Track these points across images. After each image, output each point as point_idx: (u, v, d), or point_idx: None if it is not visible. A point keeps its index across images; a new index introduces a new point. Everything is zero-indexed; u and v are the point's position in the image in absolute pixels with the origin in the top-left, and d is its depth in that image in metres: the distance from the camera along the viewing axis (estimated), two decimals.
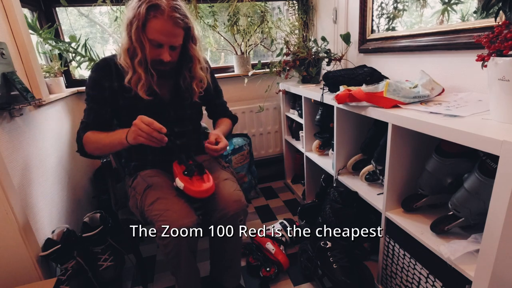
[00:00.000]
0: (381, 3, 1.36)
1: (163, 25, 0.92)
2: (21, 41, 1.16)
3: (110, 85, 1.03)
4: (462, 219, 0.79)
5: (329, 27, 1.82)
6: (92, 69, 1.05)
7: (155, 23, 0.91)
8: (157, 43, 0.94)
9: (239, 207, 1.02)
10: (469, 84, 1.02)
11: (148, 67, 0.99)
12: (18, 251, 0.99)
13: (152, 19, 0.91)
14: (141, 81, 0.99)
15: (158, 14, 0.91)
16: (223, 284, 1.15)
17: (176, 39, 0.97)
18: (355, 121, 1.25)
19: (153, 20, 0.91)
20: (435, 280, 0.86)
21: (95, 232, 1.22)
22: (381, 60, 1.42)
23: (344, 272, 1.11)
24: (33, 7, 1.59)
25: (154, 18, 0.91)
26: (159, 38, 0.93)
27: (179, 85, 1.10)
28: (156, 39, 0.93)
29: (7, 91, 0.97)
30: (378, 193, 1.14)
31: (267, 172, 2.27)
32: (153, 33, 0.93)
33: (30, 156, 1.14)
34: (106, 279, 1.22)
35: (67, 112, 1.58)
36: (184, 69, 1.08)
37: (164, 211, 0.92)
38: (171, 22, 0.92)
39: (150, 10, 0.90)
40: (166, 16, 0.91)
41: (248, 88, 2.07)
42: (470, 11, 0.98)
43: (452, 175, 0.82)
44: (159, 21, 0.91)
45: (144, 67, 0.98)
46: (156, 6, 0.90)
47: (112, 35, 1.96)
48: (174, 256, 0.94)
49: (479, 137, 0.61)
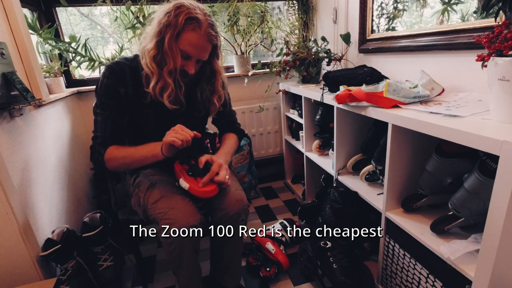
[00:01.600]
0: (381, 3, 1.36)
1: (198, 39, 0.91)
2: (21, 41, 1.16)
3: (125, 91, 0.99)
4: (462, 219, 0.79)
5: (329, 27, 1.82)
6: (104, 74, 0.98)
7: (191, 35, 0.90)
8: (187, 54, 0.93)
9: (241, 207, 1.02)
10: (469, 84, 1.02)
11: (177, 77, 0.97)
12: (18, 251, 0.99)
13: (188, 31, 0.90)
14: (168, 90, 0.96)
15: (196, 28, 0.90)
16: (223, 284, 1.15)
17: (205, 54, 0.97)
18: (355, 121, 1.25)
19: (189, 32, 0.90)
20: (435, 280, 0.86)
21: (95, 232, 1.22)
22: (381, 60, 1.42)
23: (344, 272, 1.11)
24: (33, 7, 1.59)
25: (191, 30, 0.90)
26: (190, 51, 0.92)
27: (194, 96, 1.08)
28: (187, 51, 0.92)
29: (7, 91, 0.97)
30: (378, 193, 1.14)
31: (267, 172, 2.27)
32: (186, 45, 0.91)
33: (30, 156, 1.14)
34: (106, 279, 1.22)
35: (67, 112, 1.58)
36: (204, 83, 1.07)
37: (168, 209, 0.92)
38: (206, 38, 0.92)
39: (189, 21, 0.89)
40: (204, 31, 0.91)
41: (248, 88, 2.07)
42: (470, 11, 0.98)
43: (452, 175, 0.82)
44: (196, 35, 0.90)
45: (173, 77, 0.96)
46: (196, 19, 0.90)
47: (112, 35, 1.96)
48: (177, 255, 0.94)
49: (479, 137, 0.61)
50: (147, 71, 0.96)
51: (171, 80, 0.96)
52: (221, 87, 1.10)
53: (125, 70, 0.99)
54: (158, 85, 0.96)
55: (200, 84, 1.07)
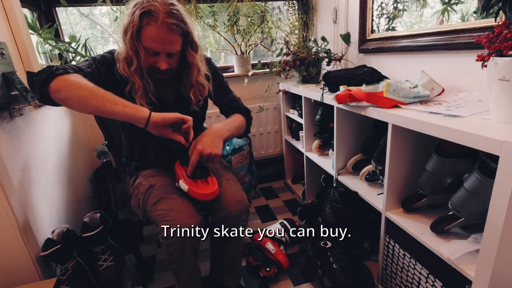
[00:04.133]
0: (381, 3, 1.36)
1: (156, 32, 0.87)
2: (21, 41, 1.16)
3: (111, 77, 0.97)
4: (462, 219, 0.79)
5: (329, 27, 1.82)
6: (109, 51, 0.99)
7: (149, 30, 0.87)
8: (153, 51, 0.91)
9: (241, 207, 1.02)
10: (469, 84, 1.02)
11: (144, 75, 0.95)
12: (18, 251, 0.99)
13: (145, 26, 0.87)
14: (140, 90, 0.95)
15: (151, 21, 0.86)
16: (223, 284, 1.15)
17: (171, 46, 0.92)
18: (355, 121, 1.25)
19: (146, 28, 0.87)
20: (435, 280, 0.86)
21: (95, 232, 1.22)
22: (381, 60, 1.42)
23: (344, 272, 1.11)
24: (33, 7, 1.59)
25: (147, 25, 0.87)
26: (154, 46, 0.89)
27: (181, 92, 1.07)
28: (151, 47, 0.90)
29: (7, 91, 0.97)
30: (378, 193, 1.14)
31: (267, 172, 2.27)
32: (148, 41, 0.89)
33: (30, 156, 1.14)
34: (106, 279, 1.22)
35: (67, 112, 1.58)
36: (184, 77, 1.04)
37: (168, 211, 0.92)
38: (166, 29, 0.87)
39: (143, 16, 0.86)
40: (160, 22, 0.86)
41: (248, 88, 2.07)
42: (470, 11, 0.98)
43: (452, 175, 0.82)
44: (153, 28, 0.87)
45: (140, 75, 0.94)
46: (149, 12, 0.86)
47: (112, 35, 1.96)
48: (178, 255, 0.94)
49: (479, 137, 0.61)
50: (123, 74, 0.95)
51: (138, 78, 0.94)
52: (200, 79, 1.04)
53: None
54: (133, 88, 0.95)
55: (182, 79, 1.04)
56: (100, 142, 1.42)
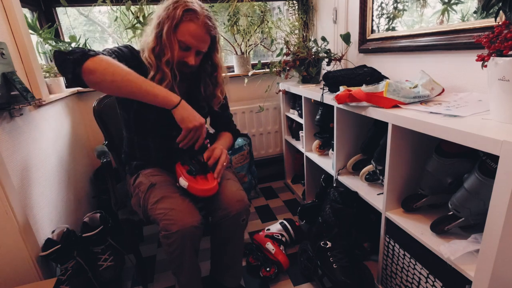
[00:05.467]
0: (381, 3, 1.36)
1: (196, 29, 0.94)
2: (21, 41, 1.16)
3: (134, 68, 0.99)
4: (462, 219, 0.79)
5: (329, 27, 1.82)
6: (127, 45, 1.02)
7: (190, 26, 0.94)
8: (186, 45, 0.96)
9: (241, 207, 1.02)
10: (469, 84, 1.02)
11: (174, 67, 0.99)
12: (18, 251, 0.99)
13: (187, 22, 0.93)
14: (166, 80, 0.98)
15: (194, 18, 0.93)
16: (223, 283, 1.15)
17: (204, 45, 0.99)
18: (355, 121, 1.25)
19: (187, 23, 0.93)
20: (435, 280, 0.86)
21: (95, 232, 1.22)
22: (381, 60, 1.42)
23: (344, 272, 1.11)
24: (33, 7, 1.59)
25: (189, 21, 0.93)
26: (189, 41, 0.95)
27: (196, 92, 1.10)
28: (186, 42, 0.95)
29: (7, 91, 0.97)
30: (378, 193, 1.14)
31: (267, 172, 2.27)
32: (185, 35, 0.94)
33: (30, 156, 1.14)
34: (106, 279, 1.22)
35: (67, 112, 1.58)
36: (207, 76, 1.09)
37: (169, 210, 0.92)
38: (204, 29, 0.95)
39: (187, 13, 0.93)
40: (201, 21, 0.94)
41: (248, 88, 2.07)
42: (470, 11, 0.98)
43: (452, 175, 0.82)
44: (194, 25, 0.94)
45: (170, 67, 0.98)
46: (193, 10, 0.94)
47: (112, 35, 1.96)
48: (178, 255, 0.94)
49: (479, 137, 0.61)
50: (146, 63, 0.98)
51: (169, 70, 0.98)
52: (222, 81, 1.13)
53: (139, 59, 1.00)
54: (156, 77, 0.97)
55: (203, 79, 1.10)
56: (100, 142, 1.42)
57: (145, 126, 1.07)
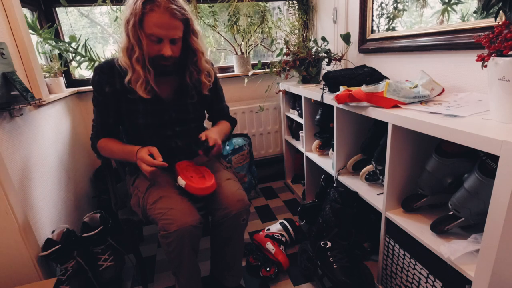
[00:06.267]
0: (381, 3, 1.36)
1: (160, 18, 0.90)
2: (21, 41, 1.16)
3: (112, 90, 1.01)
4: (462, 219, 0.79)
5: (329, 27, 1.82)
6: (94, 71, 1.03)
7: (152, 16, 0.90)
8: (156, 37, 0.93)
9: (242, 207, 1.02)
10: (469, 84, 1.02)
11: (146, 64, 0.97)
12: (18, 251, 0.99)
13: (149, 13, 0.90)
14: (140, 79, 0.96)
15: (154, 7, 0.89)
16: (223, 283, 1.15)
17: (175, 31, 0.94)
18: (355, 121, 1.25)
19: (150, 14, 0.90)
20: (435, 280, 0.86)
21: (95, 232, 1.22)
22: (381, 60, 1.42)
23: (344, 272, 1.11)
24: (33, 7, 1.59)
25: (150, 11, 0.89)
26: (157, 32, 0.91)
27: (184, 84, 1.08)
28: (155, 33, 0.92)
29: (7, 91, 0.97)
30: (378, 193, 1.14)
31: (267, 172, 2.27)
32: (151, 27, 0.91)
33: (30, 156, 1.14)
34: (106, 279, 1.22)
35: (67, 112, 1.58)
36: (190, 64, 1.06)
37: (168, 209, 0.92)
38: (168, 14, 0.90)
39: (146, 4, 0.89)
40: (163, 8, 0.90)
41: (248, 88, 2.07)
42: (470, 11, 0.98)
43: (452, 175, 0.82)
44: (156, 14, 0.90)
45: (142, 64, 0.96)
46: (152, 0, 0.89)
47: (112, 35, 1.96)
48: (177, 254, 0.94)
49: (479, 137, 0.61)
50: (123, 66, 0.97)
51: (140, 67, 0.95)
52: (206, 64, 1.08)
53: (114, 68, 1.01)
54: (133, 77, 0.97)
55: (187, 67, 1.06)
56: None
57: (140, 130, 1.07)
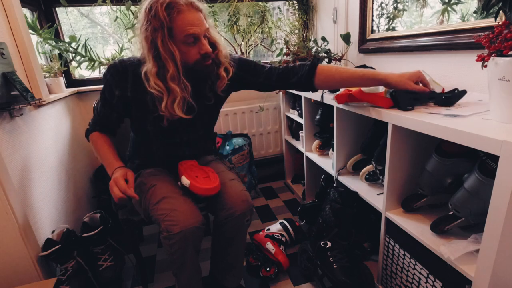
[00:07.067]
0: (381, 3, 1.36)
1: (189, 15, 0.85)
2: (21, 41, 1.16)
3: (122, 94, 0.97)
4: (462, 219, 0.79)
5: (329, 27, 1.82)
6: (108, 70, 0.97)
7: (182, 18, 0.84)
8: (193, 37, 0.87)
9: (246, 207, 1.01)
10: (469, 84, 1.02)
11: (181, 79, 0.90)
12: (18, 251, 0.99)
13: (177, 17, 0.84)
14: (177, 98, 0.90)
15: (180, 8, 0.84)
16: (224, 283, 1.15)
17: (203, 23, 0.88)
18: (355, 121, 1.25)
19: (178, 17, 0.84)
20: (435, 280, 0.86)
21: (95, 232, 1.22)
22: (381, 60, 1.42)
23: (344, 272, 1.11)
24: (33, 7, 1.59)
25: (178, 14, 0.84)
26: (193, 30, 0.85)
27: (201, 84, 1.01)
28: (191, 32, 0.85)
29: (7, 91, 0.97)
30: (378, 193, 1.14)
31: (267, 172, 2.27)
32: (186, 29, 0.85)
33: (30, 156, 1.14)
34: (106, 279, 1.22)
35: (67, 112, 1.58)
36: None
37: (170, 210, 0.91)
38: (193, 9, 0.86)
39: (169, 10, 0.83)
40: (185, 5, 0.85)
41: None
42: (470, 11, 0.98)
43: (452, 175, 0.82)
44: (184, 14, 0.84)
45: (177, 81, 0.89)
46: (170, 3, 0.83)
47: (112, 35, 1.96)
48: (180, 256, 0.93)
49: (479, 137, 0.61)
50: (156, 92, 0.90)
51: (176, 84, 0.90)
52: (224, 58, 1.01)
53: (128, 74, 0.96)
54: (168, 101, 0.90)
55: None
56: None
57: (148, 135, 1.07)
